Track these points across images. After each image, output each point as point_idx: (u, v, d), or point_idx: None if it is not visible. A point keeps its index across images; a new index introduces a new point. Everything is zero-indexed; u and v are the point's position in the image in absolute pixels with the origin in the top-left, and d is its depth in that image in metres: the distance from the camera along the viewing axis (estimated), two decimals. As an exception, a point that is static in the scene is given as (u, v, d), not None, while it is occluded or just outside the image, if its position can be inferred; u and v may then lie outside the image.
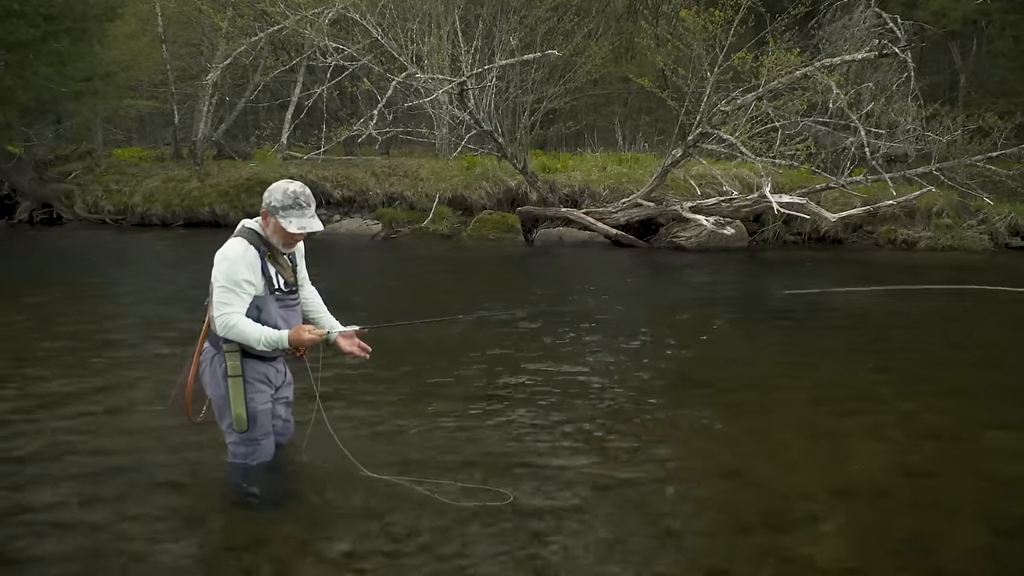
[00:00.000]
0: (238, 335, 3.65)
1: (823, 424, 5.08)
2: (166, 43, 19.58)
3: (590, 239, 14.45)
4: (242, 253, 3.69)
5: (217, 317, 3.67)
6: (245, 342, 3.68)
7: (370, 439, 4.57)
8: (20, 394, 5.44)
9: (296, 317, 3.90)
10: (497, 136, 14.23)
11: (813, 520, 3.75)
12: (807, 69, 13.07)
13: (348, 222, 16.14)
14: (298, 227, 3.68)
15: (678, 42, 15.62)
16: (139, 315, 8.18)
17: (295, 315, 3.90)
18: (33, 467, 4.19)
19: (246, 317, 3.66)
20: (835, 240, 14.78)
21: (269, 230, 3.76)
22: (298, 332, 3.64)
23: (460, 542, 3.47)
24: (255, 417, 3.85)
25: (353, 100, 21.08)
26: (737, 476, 4.26)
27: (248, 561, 3.35)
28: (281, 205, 3.68)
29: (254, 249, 3.72)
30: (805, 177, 14.84)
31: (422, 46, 14.22)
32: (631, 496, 3.95)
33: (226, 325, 3.64)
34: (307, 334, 3.65)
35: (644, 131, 22.00)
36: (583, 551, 3.43)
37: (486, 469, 4.20)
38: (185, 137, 19.90)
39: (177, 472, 4.14)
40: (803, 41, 15.30)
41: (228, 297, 3.65)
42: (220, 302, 3.66)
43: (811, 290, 6.93)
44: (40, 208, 17.82)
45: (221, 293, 3.66)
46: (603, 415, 5.14)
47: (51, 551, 3.36)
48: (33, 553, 3.34)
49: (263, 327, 3.66)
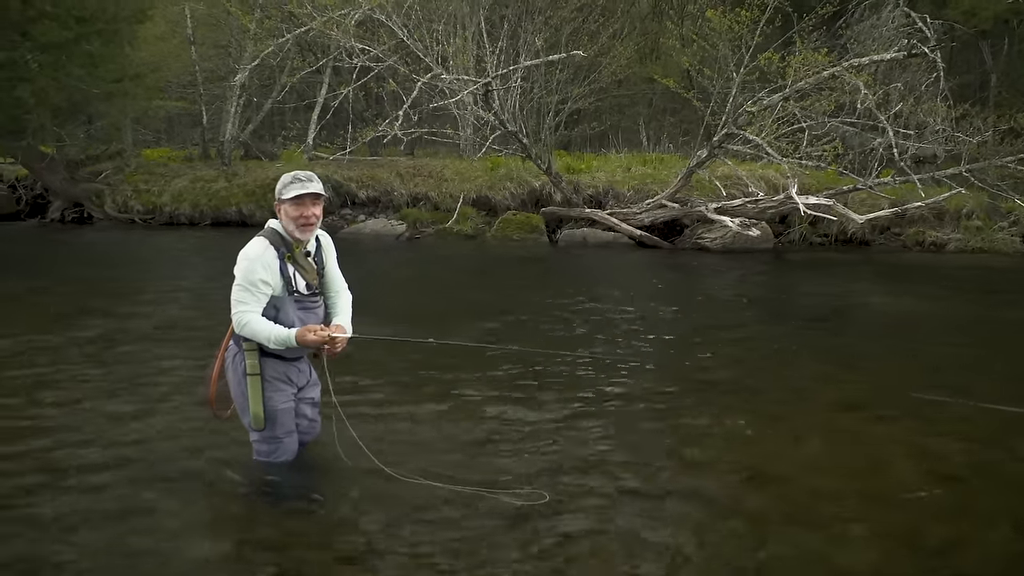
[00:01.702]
0: (250, 332, 3.70)
1: (852, 428, 5.01)
2: (195, 45, 19.75)
3: (614, 240, 14.38)
4: (260, 253, 3.71)
5: (233, 314, 3.73)
6: (256, 339, 3.72)
7: (395, 439, 4.55)
8: (49, 392, 5.49)
9: (315, 320, 3.89)
10: (522, 137, 14.21)
11: (842, 524, 3.69)
12: (835, 69, 12.94)
13: (373, 222, 16.21)
14: (298, 191, 3.69)
15: (704, 42, 15.51)
16: (165, 313, 8.24)
17: (314, 318, 3.89)
18: (60, 464, 4.22)
19: (260, 316, 3.70)
20: (862, 242, 14.62)
21: (283, 220, 3.78)
22: (303, 332, 3.66)
23: (488, 542, 3.44)
24: (273, 416, 3.86)
25: (378, 101, 21.16)
26: (765, 478, 4.21)
27: (274, 559, 3.35)
28: (283, 187, 3.75)
29: (274, 250, 3.74)
30: (832, 178, 14.69)
31: (447, 47, 14.23)
32: (659, 497, 3.91)
33: (239, 322, 3.71)
34: (311, 335, 3.66)
35: (669, 132, 21.89)
36: (610, 552, 3.40)
37: (512, 470, 4.17)
38: (213, 137, 20.05)
39: (203, 469, 4.15)
40: (831, 41, 15.13)
41: (244, 295, 3.70)
42: (236, 300, 3.71)
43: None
44: (71, 207, 18.06)
45: (238, 291, 3.71)
46: (630, 416, 5.09)
47: (82, 548, 3.38)
48: (64, 550, 3.36)
49: (274, 325, 3.69)
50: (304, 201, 3.71)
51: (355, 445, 3.98)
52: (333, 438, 4.10)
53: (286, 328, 3.69)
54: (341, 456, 4.16)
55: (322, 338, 3.69)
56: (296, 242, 3.81)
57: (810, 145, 13.15)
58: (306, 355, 4.02)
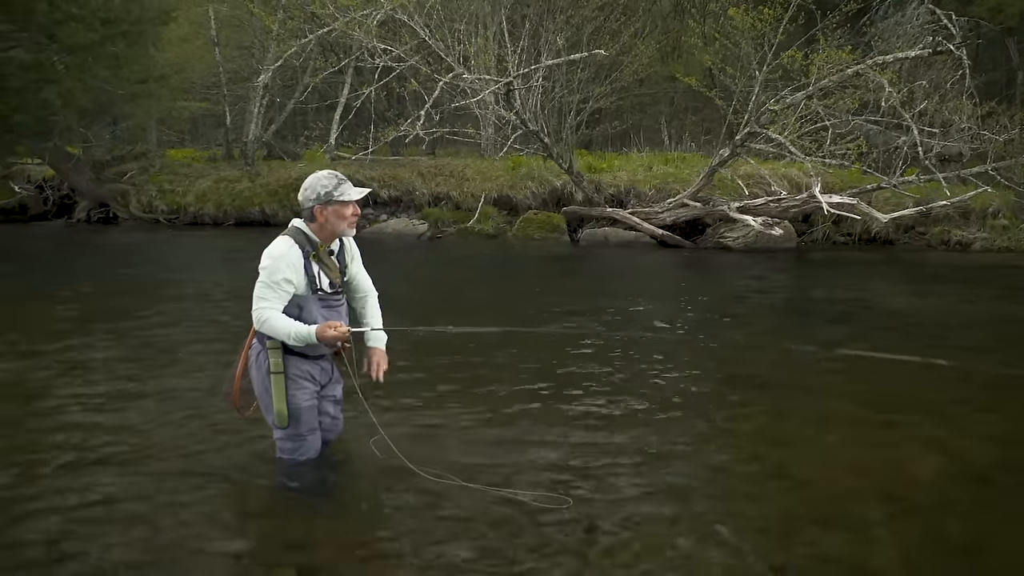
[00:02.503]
0: (270, 329, 3.73)
1: (877, 427, 4.97)
2: (218, 46, 19.93)
3: (635, 239, 14.35)
4: (285, 252, 3.74)
5: (253, 311, 3.75)
6: (276, 336, 3.75)
7: (419, 436, 4.56)
8: (74, 389, 5.56)
9: (338, 318, 3.90)
10: (543, 136, 14.20)
11: (866, 524, 3.66)
12: (859, 67, 12.83)
13: (395, 222, 16.26)
14: (357, 194, 3.80)
15: (726, 40, 15.43)
16: (191, 311, 8.32)
17: (337, 316, 3.91)
18: (85, 461, 4.27)
19: (280, 313, 3.72)
20: (886, 241, 14.48)
21: (329, 220, 3.79)
22: (323, 328, 3.67)
23: (512, 543, 3.44)
24: (297, 413, 3.89)
25: (400, 101, 21.22)
26: (788, 478, 4.19)
27: (297, 555, 3.37)
28: (333, 187, 3.77)
29: (298, 249, 3.77)
30: (856, 177, 14.57)
31: (469, 47, 14.26)
32: (682, 496, 3.89)
33: (259, 319, 3.74)
34: (331, 331, 3.67)
35: (690, 131, 21.80)
36: (633, 551, 3.39)
37: (537, 470, 4.17)
38: (236, 138, 20.21)
39: (228, 466, 4.18)
40: (854, 38, 15.00)
41: (266, 293, 3.73)
42: (258, 296, 3.74)
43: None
44: (97, 208, 18.27)
45: (260, 288, 3.74)
46: (653, 415, 5.08)
47: (109, 543, 3.41)
48: (92, 546, 3.39)
49: (294, 322, 3.71)
50: (357, 201, 3.83)
51: (380, 443, 4.00)
52: (358, 435, 4.12)
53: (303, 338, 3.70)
54: (364, 453, 4.20)
55: (341, 334, 3.70)
56: (322, 241, 3.85)
57: (833, 143, 13.05)
58: (328, 354, 4.04)
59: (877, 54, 13.58)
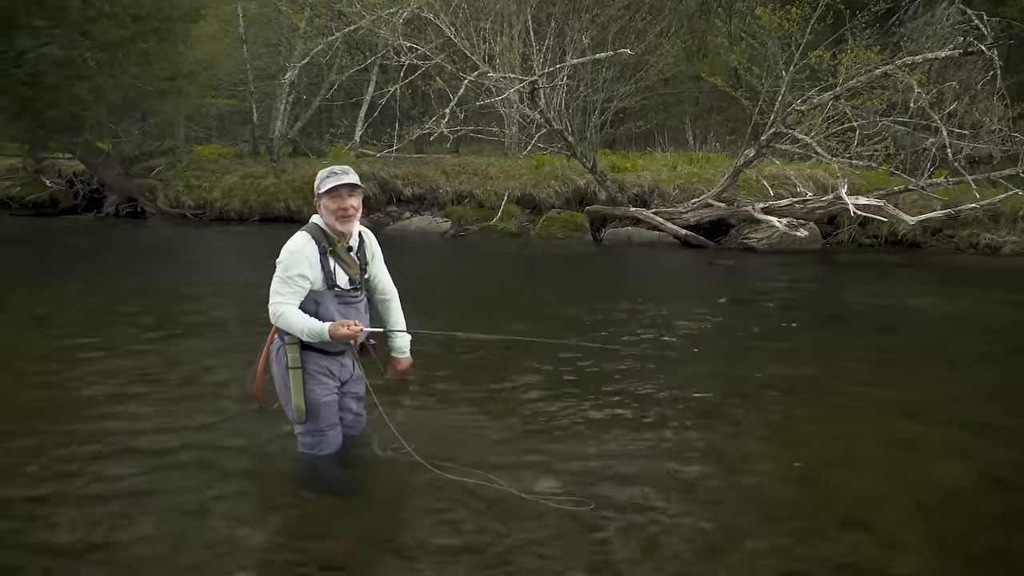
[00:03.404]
0: (284, 324, 3.74)
1: (901, 430, 4.92)
2: (246, 43, 20.05)
3: (659, 239, 14.28)
4: (301, 247, 3.76)
5: (270, 305, 3.77)
6: (290, 331, 3.75)
7: (439, 435, 4.56)
8: (99, 381, 5.62)
9: (356, 315, 3.90)
10: (567, 135, 14.17)
11: (889, 528, 3.62)
12: (887, 67, 12.68)
13: (418, 219, 16.28)
14: (334, 182, 3.74)
15: (752, 40, 15.32)
16: (216, 305, 8.37)
17: (355, 313, 3.91)
18: (113, 453, 4.31)
19: (297, 309, 3.74)
20: (913, 244, 14.30)
21: (324, 215, 3.82)
22: (336, 326, 3.66)
23: (531, 542, 3.44)
24: (315, 409, 3.89)
25: (425, 99, 21.26)
26: (812, 480, 4.15)
27: (318, 550, 3.39)
28: (320, 181, 3.81)
29: (315, 244, 3.78)
30: (883, 179, 14.41)
31: (494, 45, 14.26)
32: (704, 498, 3.87)
33: (274, 313, 3.75)
34: (344, 329, 3.65)
35: (715, 131, 21.66)
36: (654, 552, 3.37)
37: (557, 471, 4.17)
38: (262, 134, 20.33)
39: (250, 461, 4.22)
40: (883, 39, 14.84)
41: (281, 287, 3.74)
42: (274, 291, 3.76)
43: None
44: (126, 202, 18.46)
45: (276, 283, 3.76)
46: (676, 416, 5.06)
47: (134, 535, 3.45)
48: (117, 537, 3.44)
49: (308, 318, 3.71)
50: (341, 193, 3.74)
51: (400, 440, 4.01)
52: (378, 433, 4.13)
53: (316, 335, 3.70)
54: (384, 450, 4.21)
55: (355, 332, 3.67)
56: (338, 236, 3.85)
57: (861, 145, 12.90)
58: (348, 351, 4.04)
59: (906, 54, 13.41)
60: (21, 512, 3.64)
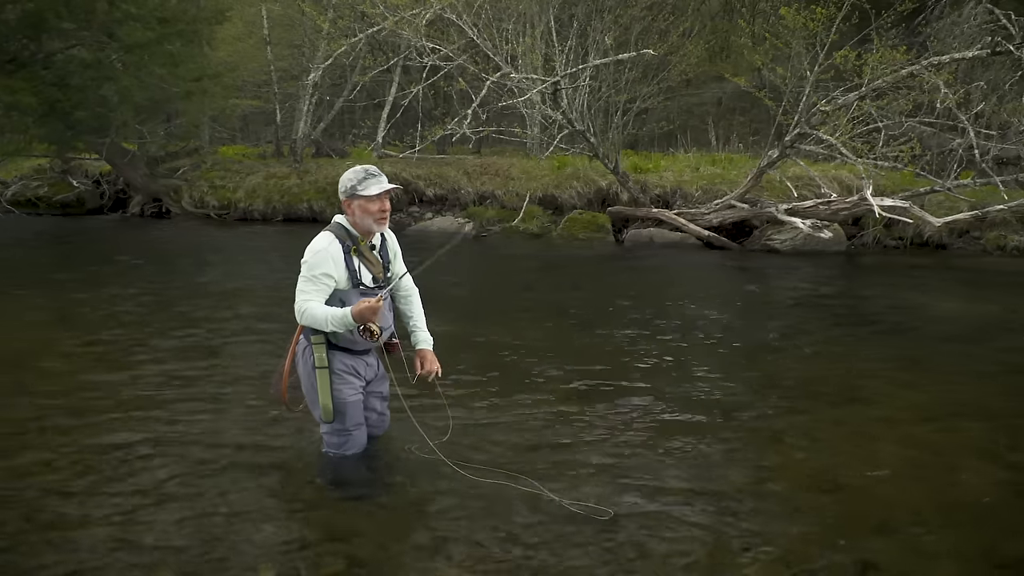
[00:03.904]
0: (309, 318, 3.77)
1: (927, 436, 4.87)
2: (270, 44, 20.19)
3: (681, 240, 14.23)
4: (326, 246, 3.80)
5: (295, 304, 3.81)
6: (315, 325, 3.78)
7: (466, 436, 4.57)
8: (126, 379, 5.68)
9: (381, 313, 3.94)
10: (589, 136, 14.16)
11: (916, 535, 3.59)
12: (913, 68, 12.57)
13: (440, 220, 16.33)
14: (378, 188, 3.82)
15: (776, 40, 15.21)
16: (241, 304, 8.44)
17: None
18: (140, 452, 4.36)
19: (319, 303, 3.78)
20: (939, 246, 14.15)
21: (356, 215, 3.86)
22: (357, 306, 3.67)
23: (551, 545, 3.44)
24: (342, 408, 3.93)
25: (447, 99, 21.32)
26: (836, 486, 4.12)
27: (342, 549, 3.41)
28: (357, 181, 3.85)
29: (339, 243, 3.83)
30: (908, 180, 14.28)
31: (516, 46, 14.26)
32: (727, 505, 3.85)
33: (299, 310, 3.79)
34: (363, 306, 3.64)
35: (738, 131, 21.55)
36: (677, 560, 3.36)
37: (579, 473, 4.17)
38: (286, 135, 20.47)
39: (277, 459, 4.25)
40: (909, 38, 14.71)
41: (306, 286, 3.79)
42: (299, 290, 3.81)
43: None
44: (151, 202, 18.65)
45: (301, 282, 3.81)
46: (698, 419, 5.04)
47: (160, 533, 3.49)
48: (145, 534, 3.47)
49: (330, 308, 3.74)
50: (381, 196, 3.83)
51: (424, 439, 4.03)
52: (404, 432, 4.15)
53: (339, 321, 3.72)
54: (409, 449, 4.23)
55: (375, 306, 3.64)
56: (362, 235, 3.89)
57: (886, 145, 12.79)
58: (373, 349, 4.08)
59: (932, 54, 13.28)
60: (49, 509, 3.69)
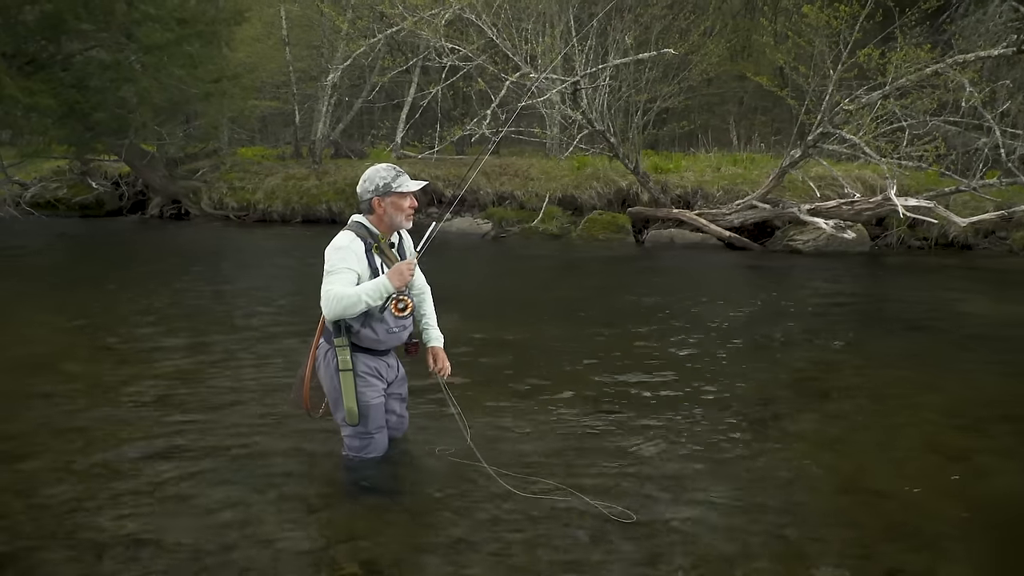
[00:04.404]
0: (343, 302, 3.69)
1: (954, 439, 4.82)
2: (289, 45, 20.29)
3: (702, 241, 14.18)
4: (348, 243, 3.83)
5: (321, 297, 3.75)
6: (349, 307, 3.72)
7: (490, 439, 4.57)
8: (144, 381, 5.73)
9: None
10: (609, 136, 14.14)
11: (945, 542, 3.56)
12: (938, 66, 12.47)
13: (459, 221, 16.34)
14: (415, 185, 3.93)
15: (799, 38, 15.13)
16: (260, 306, 8.49)
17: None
18: (158, 454, 4.39)
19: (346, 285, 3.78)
20: (964, 246, 14.03)
21: (387, 212, 3.89)
22: (391, 274, 3.73)
23: (572, 550, 3.44)
24: (367, 411, 3.94)
25: (466, 100, 21.35)
26: (861, 490, 4.08)
27: (362, 552, 3.41)
28: (391, 178, 3.89)
29: (360, 241, 3.86)
30: (933, 179, 14.16)
31: (536, 46, 14.26)
32: (751, 509, 3.83)
33: (328, 296, 3.71)
34: (396, 271, 3.74)
35: (760, 131, 21.46)
36: (700, 567, 3.34)
37: (601, 476, 4.16)
38: (305, 136, 20.57)
39: (295, 463, 4.27)
40: (934, 37, 14.59)
41: (331, 279, 3.76)
42: (325, 283, 3.77)
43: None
44: (170, 204, 18.80)
45: (327, 277, 3.78)
46: (722, 423, 5.01)
47: (179, 535, 3.51)
48: (162, 537, 3.49)
49: (360, 285, 3.75)
50: (412, 192, 3.93)
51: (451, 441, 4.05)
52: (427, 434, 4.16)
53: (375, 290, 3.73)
54: (431, 452, 4.25)
55: (408, 267, 3.76)
56: (384, 233, 3.94)
57: (910, 145, 12.70)
58: (393, 350, 4.11)
59: (957, 52, 13.17)
60: (66, 510, 3.73)
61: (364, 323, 3.89)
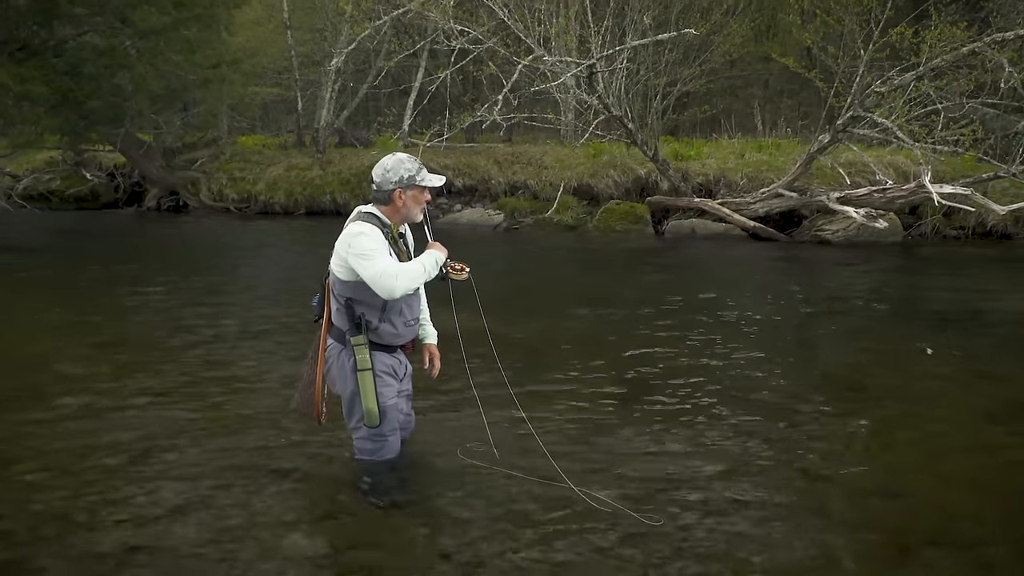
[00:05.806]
0: (402, 273, 3.68)
1: (992, 439, 4.80)
2: (291, 29, 20.33)
3: (725, 231, 14.14)
4: (368, 229, 3.79)
5: (376, 279, 3.65)
6: (415, 276, 3.74)
7: (508, 439, 4.56)
8: (146, 382, 5.76)
9: (417, 301, 4.07)
10: (627, 121, 14.10)
11: (984, 546, 3.54)
12: (975, 45, 12.38)
13: (469, 212, 16.36)
14: (439, 180, 4.00)
15: (827, 17, 15.04)
16: (263, 305, 8.52)
17: (416, 299, 4.04)
18: (162, 458, 4.41)
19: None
20: (1003, 235, 13.94)
21: (406, 204, 3.89)
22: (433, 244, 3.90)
23: (591, 553, 3.43)
24: (385, 412, 3.93)
25: (476, 85, 21.33)
26: (895, 493, 4.06)
27: (374, 556, 3.42)
28: (416, 171, 3.88)
29: (377, 229, 3.84)
30: (970, 165, 14.07)
31: (549, 27, 14.24)
32: (779, 513, 3.82)
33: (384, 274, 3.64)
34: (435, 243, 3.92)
35: (786, 115, 21.34)
36: (727, 571, 3.33)
37: (625, 477, 4.15)
38: (308, 124, 20.61)
39: (302, 466, 4.27)
40: (970, 14, 14.49)
41: (376, 261, 3.67)
42: (367, 265, 3.67)
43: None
44: (167, 196, 18.88)
45: (366, 262, 3.68)
46: (752, 423, 4.99)
47: (182, 539, 3.52)
48: (166, 540, 3.51)
49: (412, 261, 3.84)
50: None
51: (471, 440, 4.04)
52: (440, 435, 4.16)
53: (430, 259, 3.84)
54: (443, 453, 4.25)
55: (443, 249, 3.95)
56: (395, 225, 3.94)
57: (945, 129, 12.62)
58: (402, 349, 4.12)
59: (995, 31, 13.07)
60: (66, 515, 3.75)
61: (383, 318, 3.88)
